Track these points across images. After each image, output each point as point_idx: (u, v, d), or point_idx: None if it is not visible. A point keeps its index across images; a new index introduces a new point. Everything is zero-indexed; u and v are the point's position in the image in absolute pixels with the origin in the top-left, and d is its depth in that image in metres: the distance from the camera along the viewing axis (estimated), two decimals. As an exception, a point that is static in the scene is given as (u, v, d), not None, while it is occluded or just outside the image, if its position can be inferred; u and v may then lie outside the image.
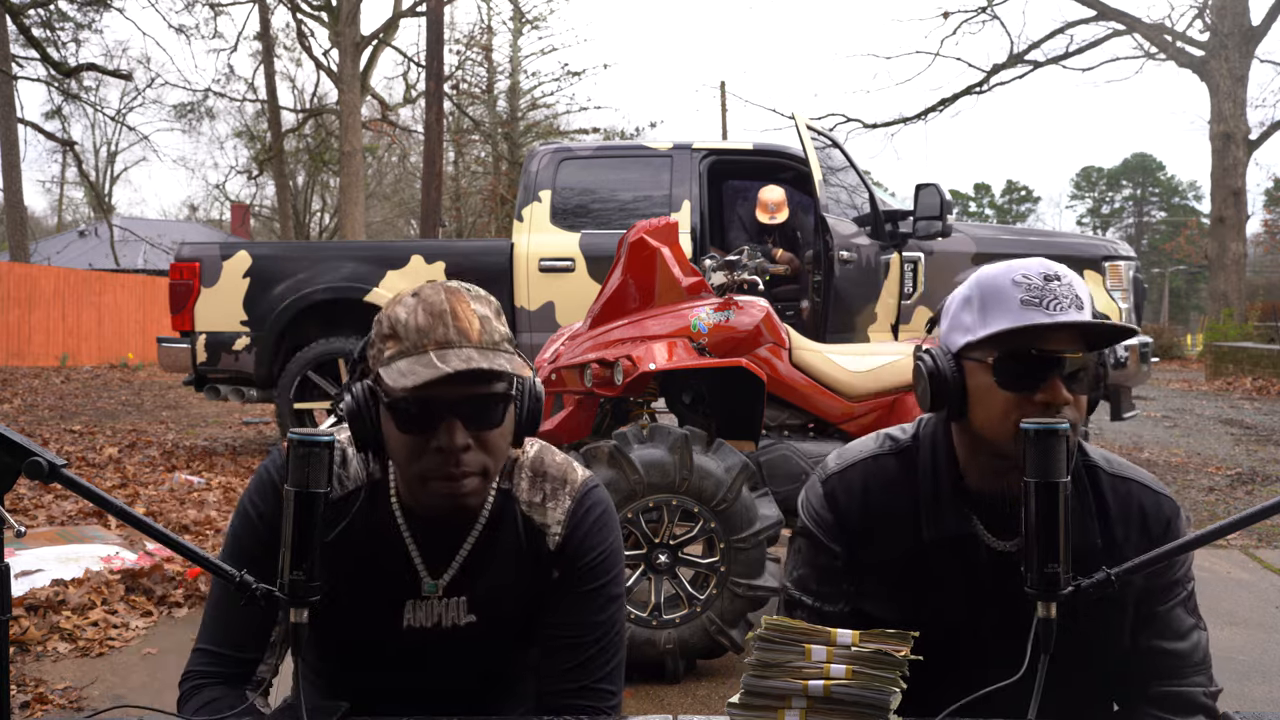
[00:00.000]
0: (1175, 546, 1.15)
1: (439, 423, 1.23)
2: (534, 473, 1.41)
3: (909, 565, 1.35)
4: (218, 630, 1.35)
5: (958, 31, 25.40)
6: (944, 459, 1.35)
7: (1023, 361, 1.23)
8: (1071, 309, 1.22)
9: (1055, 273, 1.25)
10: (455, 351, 1.22)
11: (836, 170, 5.93)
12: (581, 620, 1.38)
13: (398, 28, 23.88)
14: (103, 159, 38.39)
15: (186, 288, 6.51)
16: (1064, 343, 1.23)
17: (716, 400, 3.43)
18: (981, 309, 1.27)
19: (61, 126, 27.11)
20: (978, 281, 1.29)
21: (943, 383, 1.29)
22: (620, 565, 1.43)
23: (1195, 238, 40.47)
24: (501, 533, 1.38)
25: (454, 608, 1.38)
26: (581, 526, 1.39)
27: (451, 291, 1.27)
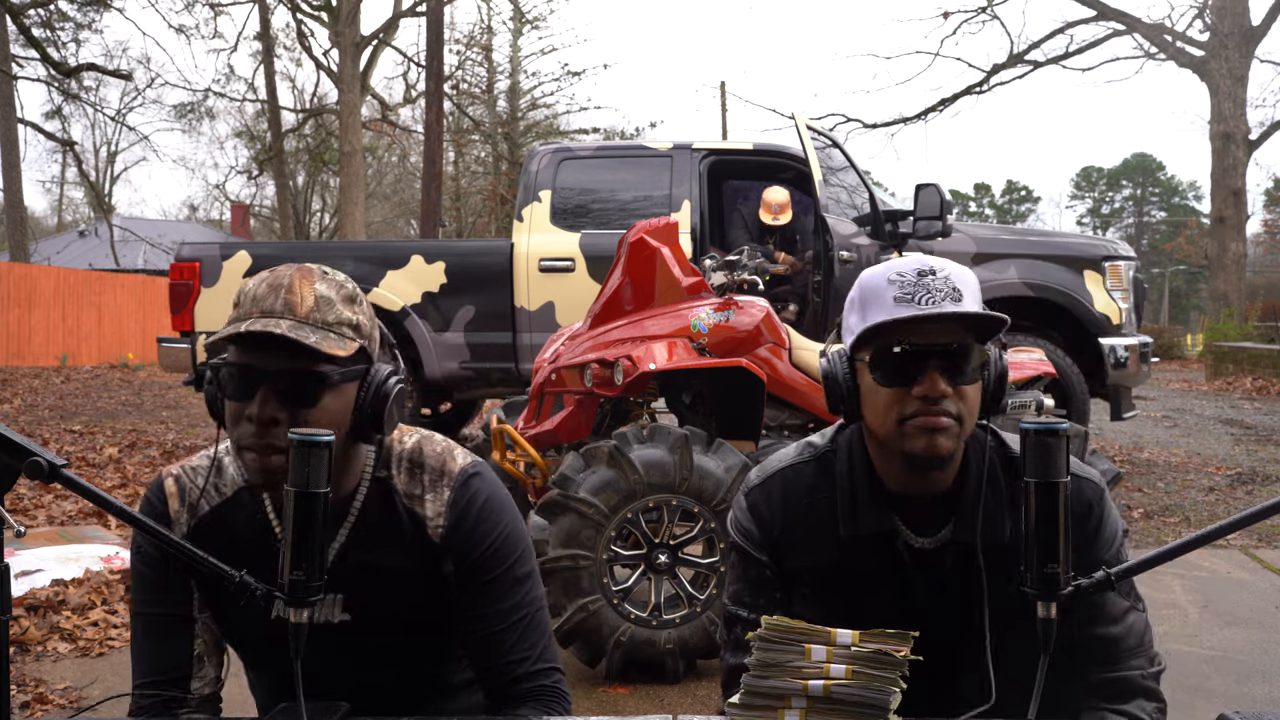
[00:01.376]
0: (1175, 547, 1.14)
1: (254, 391, 1.23)
2: (411, 463, 1.39)
3: (834, 568, 1.36)
4: (144, 662, 1.36)
5: (958, 31, 25.41)
6: (859, 460, 1.36)
7: (897, 355, 1.24)
8: (946, 301, 1.22)
9: (931, 267, 1.25)
10: (274, 320, 1.22)
11: (836, 170, 5.93)
12: (493, 609, 1.36)
13: (398, 28, 23.89)
14: (103, 159, 38.41)
15: (186, 288, 6.51)
16: (941, 335, 1.23)
17: (716, 400, 3.43)
18: (861, 309, 1.28)
19: (61, 126, 27.10)
20: (859, 283, 1.31)
21: (835, 384, 1.31)
22: (519, 546, 1.40)
23: (1195, 238, 40.46)
24: (383, 523, 1.36)
25: (328, 605, 1.37)
26: (466, 518, 1.36)
27: (302, 270, 1.28)
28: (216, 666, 1.39)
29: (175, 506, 1.37)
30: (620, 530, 2.97)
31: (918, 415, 1.23)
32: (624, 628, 2.95)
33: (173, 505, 1.38)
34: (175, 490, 1.38)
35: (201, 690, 1.36)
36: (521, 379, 6.18)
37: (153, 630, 1.36)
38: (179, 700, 1.35)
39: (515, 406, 4.95)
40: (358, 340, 1.28)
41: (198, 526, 1.37)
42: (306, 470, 1.11)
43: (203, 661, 1.37)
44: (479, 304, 6.20)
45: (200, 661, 1.36)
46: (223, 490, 1.38)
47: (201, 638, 1.37)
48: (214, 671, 1.38)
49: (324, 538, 1.30)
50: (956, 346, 1.23)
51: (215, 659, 1.39)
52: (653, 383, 3.38)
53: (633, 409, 3.62)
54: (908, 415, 1.24)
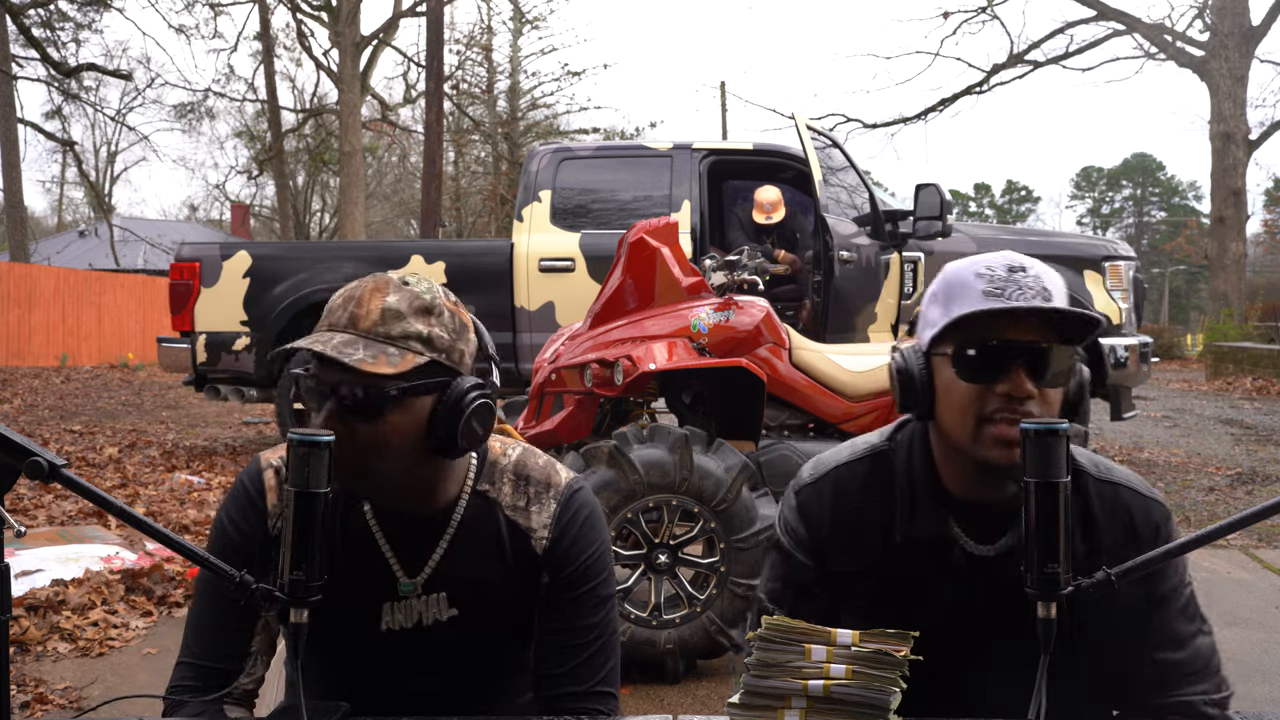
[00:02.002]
0: (1175, 547, 1.14)
1: (323, 403, 1.24)
2: (517, 476, 1.40)
3: (884, 573, 1.33)
4: (198, 642, 1.35)
5: (958, 31, 25.39)
6: (920, 461, 1.32)
7: (981, 350, 1.20)
8: (1036, 299, 1.18)
9: (1021, 264, 1.22)
10: (332, 336, 1.22)
11: (836, 170, 5.93)
12: (575, 624, 1.37)
13: (398, 28, 23.90)
14: (103, 159, 38.42)
15: (186, 288, 6.51)
16: (1028, 333, 1.19)
17: (716, 400, 3.43)
18: (945, 302, 1.24)
19: (61, 126, 27.12)
20: (943, 275, 1.27)
21: (909, 380, 1.26)
22: (610, 567, 1.42)
23: (1195, 238, 40.45)
24: (482, 535, 1.37)
25: (434, 604, 1.38)
26: (569, 530, 1.38)
27: (381, 279, 1.27)
28: (265, 665, 1.38)
29: (273, 500, 1.35)
30: (620, 530, 2.97)
31: (998, 416, 1.19)
32: (624, 628, 2.95)
33: (271, 499, 1.35)
34: (275, 484, 1.35)
35: (245, 685, 1.35)
36: (521, 379, 6.18)
37: (217, 616, 1.33)
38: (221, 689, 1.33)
39: (515, 406, 4.94)
40: (427, 354, 1.25)
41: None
42: (306, 470, 1.11)
43: (256, 660, 1.36)
44: (479, 304, 6.19)
45: (254, 659, 1.35)
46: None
47: (261, 636, 1.35)
48: (262, 670, 1.37)
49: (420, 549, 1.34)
50: (1046, 346, 1.19)
51: (267, 658, 1.38)
52: (653, 383, 3.38)
53: (633, 409, 3.62)
54: (988, 414, 1.19)
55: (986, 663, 1.28)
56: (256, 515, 1.35)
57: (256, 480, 1.36)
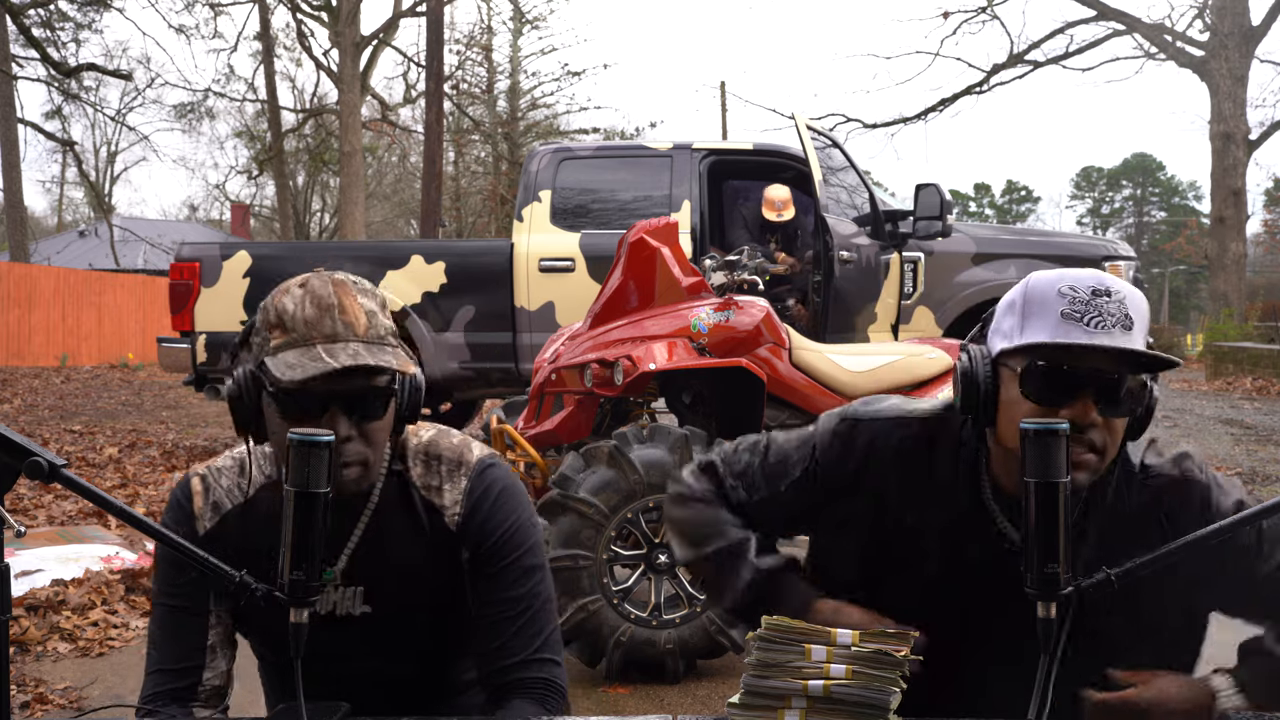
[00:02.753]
0: (1175, 547, 1.14)
1: (322, 414, 1.26)
2: (428, 455, 1.42)
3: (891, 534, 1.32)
4: (160, 650, 1.39)
5: (958, 31, 25.35)
6: (968, 453, 1.31)
7: (1052, 375, 1.17)
8: (1117, 329, 1.15)
9: (1107, 287, 1.18)
10: (342, 346, 1.25)
11: (836, 170, 5.93)
12: (502, 596, 1.39)
13: (398, 28, 23.89)
14: (103, 159, 38.39)
15: (186, 288, 6.51)
16: (1102, 362, 1.16)
17: (716, 400, 3.43)
18: (1023, 315, 1.21)
19: (61, 126, 27.09)
20: (1026, 285, 1.24)
21: (973, 386, 1.24)
22: (532, 537, 1.43)
23: (1195, 238, 40.43)
24: (399, 516, 1.40)
25: (348, 597, 1.39)
26: (482, 505, 1.40)
27: (339, 284, 1.30)
28: (228, 659, 1.41)
29: (200, 504, 1.40)
30: (620, 530, 2.97)
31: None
32: (624, 628, 2.95)
33: (197, 503, 1.40)
34: (201, 489, 1.41)
35: (212, 681, 1.38)
36: (521, 379, 6.18)
37: (171, 620, 1.38)
38: (189, 690, 1.36)
39: (515, 406, 4.93)
40: (399, 345, 1.32)
41: (221, 524, 1.39)
42: (306, 470, 1.11)
43: (215, 652, 1.38)
44: (479, 304, 6.20)
45: (213, 652, 1.38)
46: (245, 490, 1.41)
47: (216, 629, 1.38)
48: (224, 664, 1.40)
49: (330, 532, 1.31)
50: (1116, 377, 1.17)
51: (227, 651, 1.41)
52: (653, 383, 3.38)
53: (633, 409, 3.62)
54: None
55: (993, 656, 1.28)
56: (185, 518, 1.39)
57: (184, 488, 1.42)
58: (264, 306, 1.30)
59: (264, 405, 1.30)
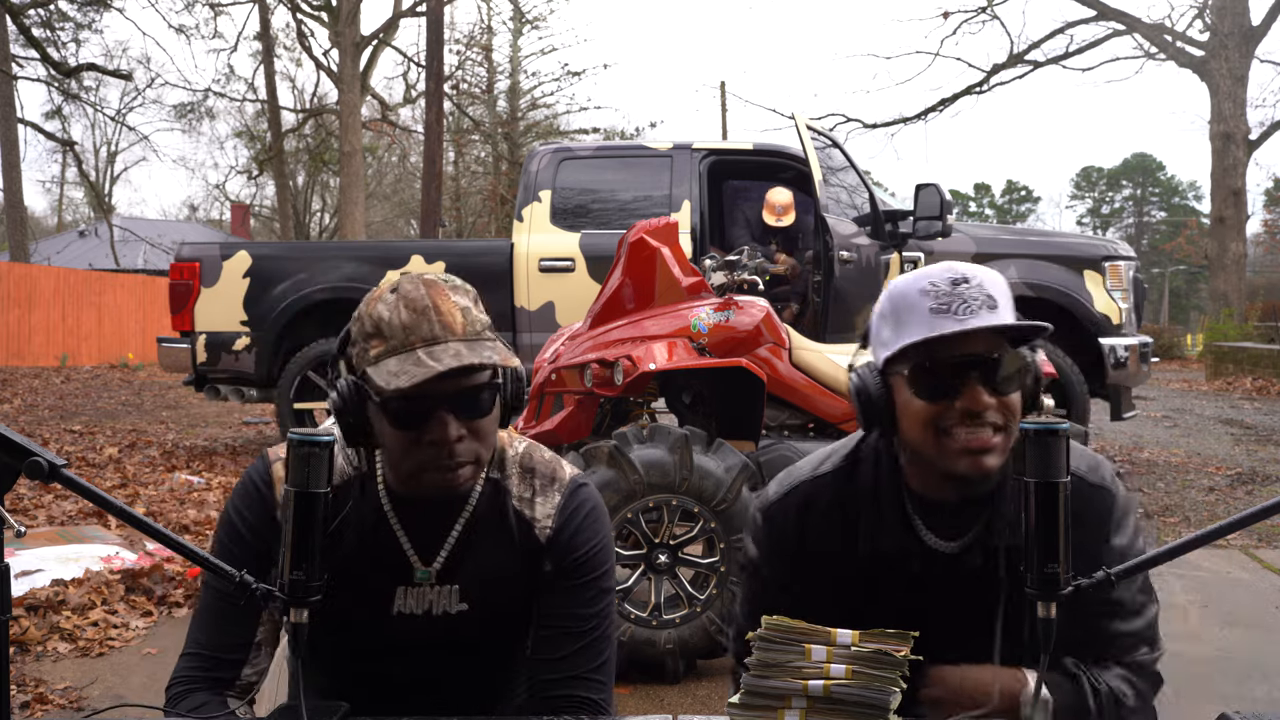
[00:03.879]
0: (1175, 547, 1.14)
1: (431, 417, 1.25)
2: (523, 468, 1.44)
3: (847, 581, 1.35)
4: (204, 634, 1.37)
5: (958, 31, 25.38)
6: (886, 470, 1.35)
7: (936, 370, 1.22)
8: (983, 310, 1.20)
9: (963, 275, 1.23)
10: (443, 348, 1.24)
11: (836, 170, 5.93)
12: (573, 612, 1.40)
13: (398, 28, 23.90)
14: (103, 159, 38.40)
15: (186, 288, 6.51)
16: (980, 345, 1.21)
17: (716, 400, 3.43)
18: (895, 322, 1.26)
19: (61, 126, 27.10)
20: (889, 294, 1.29)
21: (869, 400, 1.28)
22: (611, 561, 1.45)
23: (1195, 238, 40.45)
24: (493, 521, 1.40)
25: (445, 595, 1.40)
26: (572, 521, 1.41)
27: (431, 285, 1.28)
28: (268, 657, 1.40)
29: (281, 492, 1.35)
30: (620, 530, 2.97)
31: (960, 431, 1.21)
32: (624, 628, 2.94)
33: (278, 490, 1.36)
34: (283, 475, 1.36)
35: (250, 678, 1.37)
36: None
37: (221, 608, 1.35)
38: (226, 681, 1.35)
39: (515, 406, 4.93)
40: (498, 338, 1.32)
41: None
42: (306, 470, 1.11)
43: (259, 650, 1.38)
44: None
45: (257, 649, 1.37)
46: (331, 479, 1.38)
47: (265, 626, 1.37)
48: (265, 662, 1.39)
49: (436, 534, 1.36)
50: (997, 356, 1.21)
51: (270, 649, 1.40)
52: (653, 383, 3.38)
53: (633, 409, 3.62)
54: (948, 427, 1.22)
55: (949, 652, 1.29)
56: (263, 506, 1.37)
57: (264, 473, 1.39)
58: (358, 316, 1.29)
59: (371, 416, 1.28)
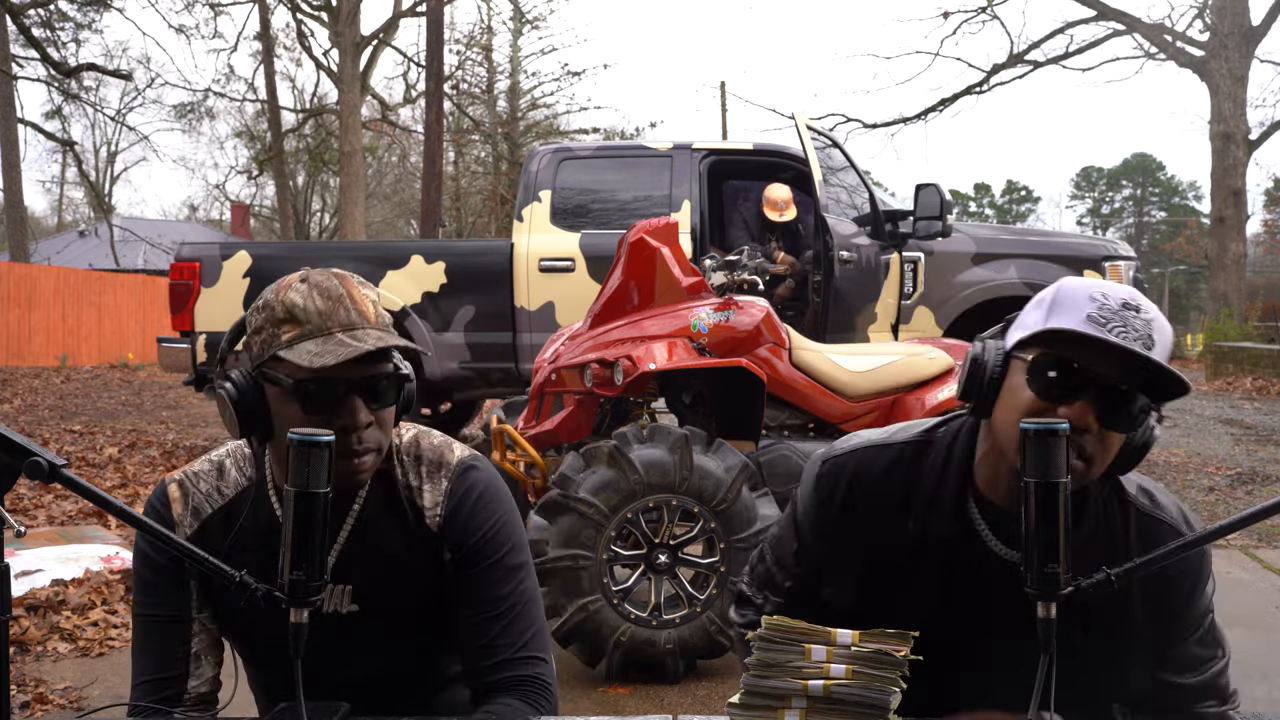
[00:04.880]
0: (1175, 547, 1.14)
1: (344, 401, 1.27)
2: (411, 456, 1.43)
3: (886, 558, 1.32)
4: (143, 661, 1.39)
5: (958, 32, 25.39)
6: (958, 458, 1.30)
7: (1061, 368, 1.16)
8: (1138, 344, 1.13)
9: (1138, 304, 1.16)
10: (364, 333, 1.27)
11: (836, 170, 5.93)
12: (486, 596, 1.39)
13: (398, 28, 23.88)
14: (103, 159, 38.38)
15: (186, 288, 6.51)
16: (1113, 369, 1.15)
17: (716, 400, 3.43)
18: (1049, 311, 1.20)
19: (61, 126, 27.09)
20: (1059, 285, 1.23)
21: (979, 370, 1.22)
22: (514, 537, 1.43)
23: (1195, 238, 40.43)
24: (384, 515, 1.40)
25: (337, 595, 1.40)
26: (462, 507, 1.40)
27: (340, 276, 1.33)
28: (214, 665, 1.41)
29: (179, 511, 1.40)
30: (620, 530, 2.97)
31: None
32: (624, 628, 2.95)
33: (176, 510, 1.40)
34: (179, 495, 1.41)
35: (199, 689, 1.38)
36: (521, 379, 6.18)
37: (152, 631, 1.38)
38: (175, 699, 1.36)
39: (515, 406, 4.94)
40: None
41: (202, 529, 1.39)
42: (306, 470, 1.11)
43: (200, 660, 1.38)
44: (479, 304, 6.19)
45: (198, 660, 1.38)
46: (225, 493, 1.41)
47: (199, 636, 1.39)
48: (210, 670, 1.40)
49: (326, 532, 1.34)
50: (1124, 389, 1.16)
51: (213, 657, 1.41)
52: (653, 383, 3.38)
53: (633, 409, 3.62)
54: None
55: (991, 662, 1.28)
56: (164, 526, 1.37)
57: (161, 496, 1.42)
58: (265, 304, 1.30)
59: (273, 403, 1.29)
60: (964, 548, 1.29)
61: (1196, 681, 1.28)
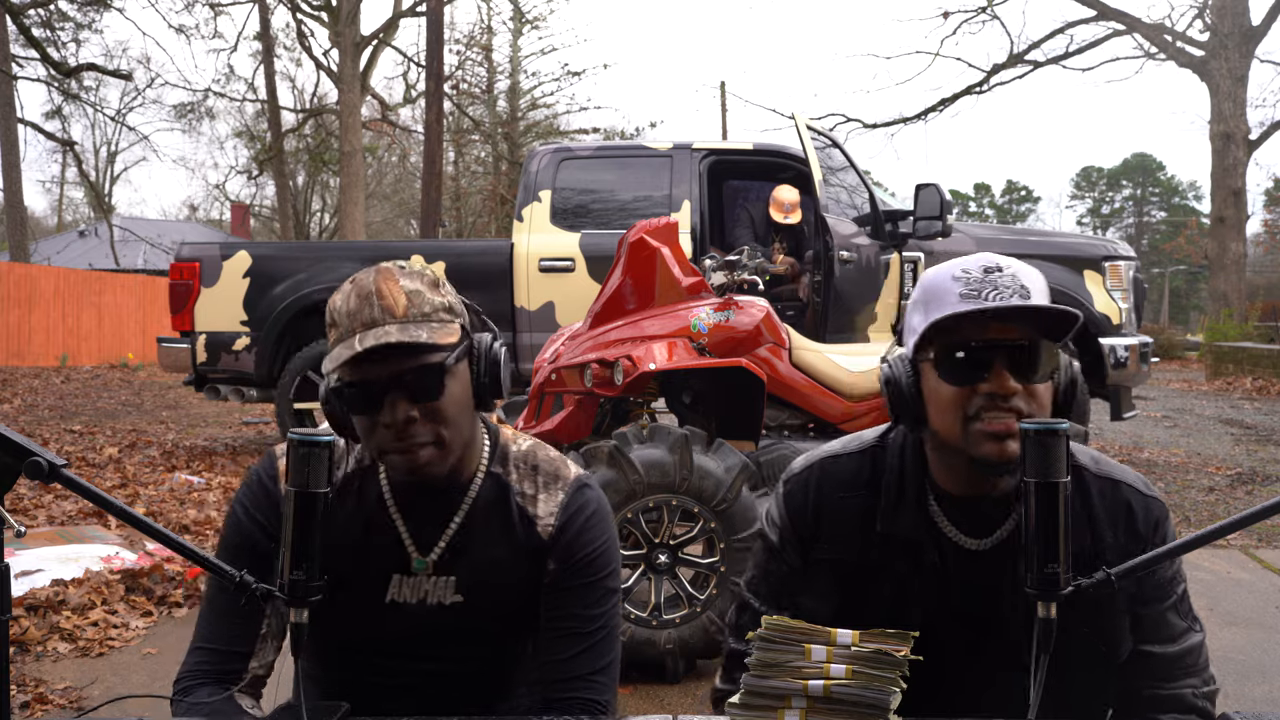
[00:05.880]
0: (1175, 547, 1.14)
1: (380, 401, 1.27)
2: (527, 465, 1.44)
3: (860, 565, 1.35)
4: (210, 628, 1.38)
5: (958, 31, 25.42)
6: (911, 459, 1.34)
7: (963, 352, 1.21)
8: (1014, 299, 1.19)
9: (997, 264, 1.22)
10: (376, 330, 1.26)
11: (836, 170, 5.93)
12: (578, 613, 1.40)
13: (398, 28, 23.88)
14: (103, 159, 38.39)
15: (186, 288, 6.51)
16: (1010, 332, 1.20)
17: (716, 400, 3.43)
18: (925, 309, 1.25)
19: (61, 126, 27.15)
20: (921, 282, 1.28)
21: (898, 389, 1.28)
22: (616, 562, 1.45)
23: (1195, 238, 40.46)
24: (494, 516, 1.41)
25: (441, 586, 1.40)
26: (575, 520, 1.41)
27: (381, 271, 1.31)
28: (276, 650, 1.40)
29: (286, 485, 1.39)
30: (620, 530, 2.97)
31: (984, 415, 1.20)
32: (624, 628, 2.94)
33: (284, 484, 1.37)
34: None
35: (257, 671, 1.38)
36: (521, 379, 6.18)
37: (228, 601, 1.36)
38: (235, 675, 1.36)
39: (515, 406, 4.93)
40: (455, 320, 1.33)
41: None
42: (306, 470, 1.11)
43: (266, 642, 1.38)
44: (479, 304, 6.13)
45: (264, 641, 1.38)
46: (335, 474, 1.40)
47: (271, 618, 1.38)
48: (272, 655, 1.40)
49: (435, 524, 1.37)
50: (1026, 343, 1.20)
51: (278, 643, 1.40)
52: (653, 383, 3.38)
53: (633, 409, 3.61)
54: (973, 413, 1.21)
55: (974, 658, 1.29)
56: (269, 501, 1.39)
57: (270, 468, 1.41)
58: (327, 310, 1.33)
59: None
60: (929, 543, 1.32)
61: (1174, 651, 1.30)
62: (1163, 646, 1.29)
